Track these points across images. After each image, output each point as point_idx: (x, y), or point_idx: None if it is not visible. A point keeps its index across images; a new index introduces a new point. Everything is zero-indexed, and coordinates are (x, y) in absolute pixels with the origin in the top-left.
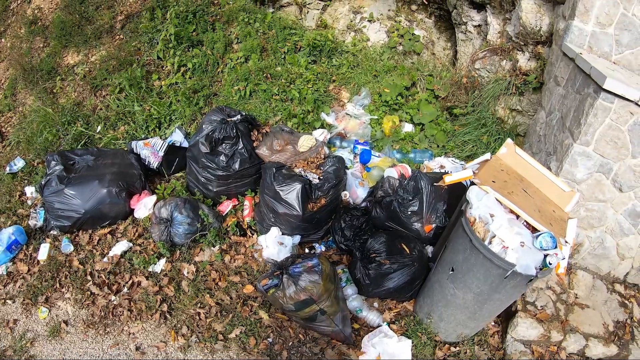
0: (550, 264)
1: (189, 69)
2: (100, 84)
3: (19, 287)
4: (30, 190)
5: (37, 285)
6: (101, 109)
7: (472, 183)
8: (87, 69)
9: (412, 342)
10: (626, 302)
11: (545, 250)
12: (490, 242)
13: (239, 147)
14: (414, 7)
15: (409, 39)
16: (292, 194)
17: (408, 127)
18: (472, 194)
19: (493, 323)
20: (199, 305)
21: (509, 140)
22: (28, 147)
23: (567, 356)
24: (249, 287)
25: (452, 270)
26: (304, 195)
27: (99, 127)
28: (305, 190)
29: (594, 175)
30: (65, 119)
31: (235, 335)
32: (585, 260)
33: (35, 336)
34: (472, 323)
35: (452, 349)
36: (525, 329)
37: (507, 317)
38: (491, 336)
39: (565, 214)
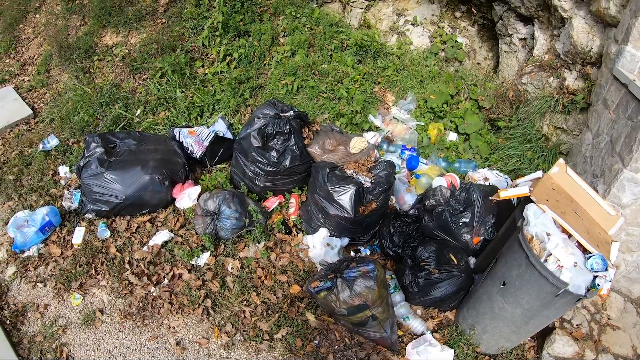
0: (598, 285)
1: (235, 58)
2: (140, 67)
3: (50, 270)
4: (64, 170)
5: (71, 270)
6: (141, 92)
7: (528, 200)
8: (127, 50)
9: (455, 352)
10: None
11: (595, 271)
12: (545, 260)
13: (291, 144)
14: (458, 14)
15: (452, 46)
16: (345, 195)
17: (452, 136)
18: (529, 211)
19: (530, 338)
20: (244, 302)
21: (561, 160)
22: (63, 125)
23: None
24: (295, 287)
25: (504, 284)
26: (357, 198)
27: (138, 111)
28: (358, 193)
29: (639, 201)
30: (103, 99)
31: (282, 335)
32: (619, 283)
33: (68, 323)
34: (515, 337)
35: None
36: (561, 346)
37: (542, 334)
38: (527, 350)
39: (609, 237)
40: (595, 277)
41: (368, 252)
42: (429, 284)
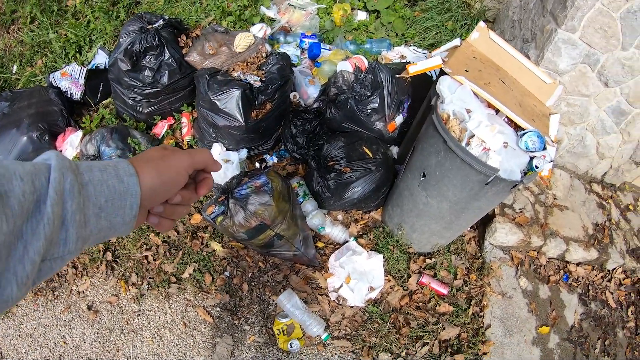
0: (537, 167)
1: None
2: (9, 18)
3: None
4: None
5: None
6: (15, 45)
7: (442, 73)
8: None
9: (384, 257)
10: (604, 203)
11: (532, 151)
12: (468, 143)
13: (166, 58)
14: None
15: None
16: (230, 102)
17: (362, 15)
18: (443, 85)
19: (469, 228)
20: (144, 247)
21: (481, 24)
22: None
23: (547, 261)
24: (196, 216)
25: (424, 176)
26: (244, 101)
27: (15, 67)
28: (245, 95)
29: (579, 67)
30: None
31: (189, 274)
32: (563, 159)
33: None
34: (448, 233)
35: (428, 260)
36: (504, 234)
37: (483, 222)
38: (468, 243)
39: (547, 108)
40: (532, 158)
41: (275, 160)
42: (341, 185)
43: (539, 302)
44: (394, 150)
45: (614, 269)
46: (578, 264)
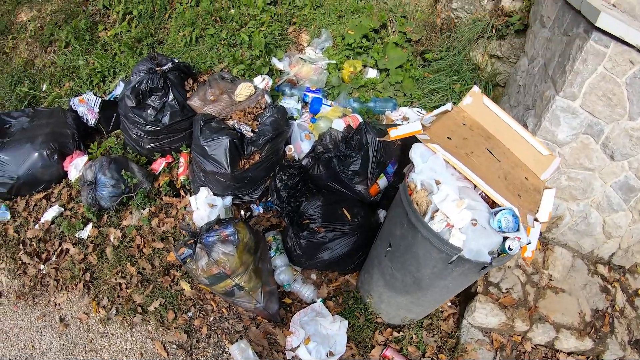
0: (510, 249)
1: (135, 16)
2: (48, 40)
3: None
4: None
5: None
6: (49, 66)
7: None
8: (39, 25)
9: (349, 323)
10: (609, 286)
11: (503, 231)
12: (432, 217)
13: (169, 99)
14: None
15: None
16: (219, 149)
17: (372, 73)
18: (415, 153)
19: (450, 303)
20: (120, 274)
21: (475, 88)
22: None
23: (532, 347)
24: (172, 254)
25: (390, 246)
26: (233, 150)
27: (45, 86)
28: (234, 145)
29: (580, 137)
30: (10, 80)
31: (154, 307)
32: (565, 236)
33: None
34: (417, 308)
35: (395, 333)
36: (484, 315)
37: (466, 299)
38: (445, 320)
39: (541, 182)
40: (505, 239)
41: (261, 210)
42: (313, 245)
43: None
44: (382, 214)
45: None
46: (569, 354)
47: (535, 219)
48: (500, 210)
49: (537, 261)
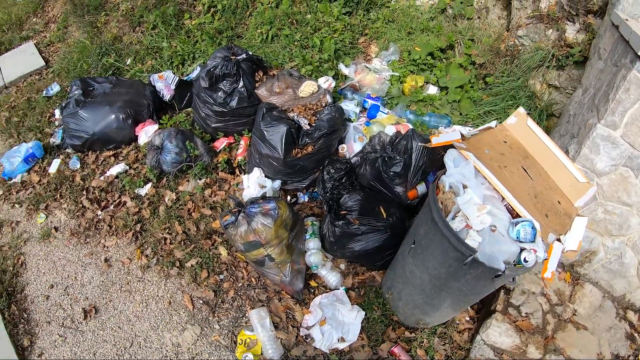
0: (526, 260)
1: (219, 10)
2: (137, 21)
3: (28, 194)
4: (58, 112)
5: (42, 194)
6: (135, 44)
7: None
8: (130, 6)
9: (366, 315)
10: (635, 335)
11: (521, 241)
12: (454, 217)
13: (239, 86)
14: None
15: (461, 2)
16: (276, 135)
17: (432, 90)
18: (448, 157)
19: (468, 318)
20: (167, 230)
21: (520, 109)
22: (66, 75)
23: None
24: (217, 222)
25: (414, 244)
26: (288, 138)
27: (129, 60)
28: (290, 133)
29: (620, 169)
30: (98, 50)
31: (191, 265)
32: (597, 274)
33: (29, 237)
34: (431, 310)
35: (408, 333)
36: (497, 334)
37: (484, 316)
38: (460, 332)
39: (574, 209)
40: (522, 250)
41: (306, 199)
42: (346, 234)
43: None
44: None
45: None
46: None
47: (558, 239)
48: (521, 221)
49: (564, 293)
